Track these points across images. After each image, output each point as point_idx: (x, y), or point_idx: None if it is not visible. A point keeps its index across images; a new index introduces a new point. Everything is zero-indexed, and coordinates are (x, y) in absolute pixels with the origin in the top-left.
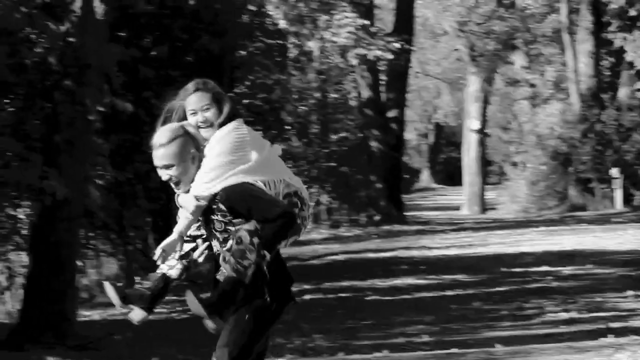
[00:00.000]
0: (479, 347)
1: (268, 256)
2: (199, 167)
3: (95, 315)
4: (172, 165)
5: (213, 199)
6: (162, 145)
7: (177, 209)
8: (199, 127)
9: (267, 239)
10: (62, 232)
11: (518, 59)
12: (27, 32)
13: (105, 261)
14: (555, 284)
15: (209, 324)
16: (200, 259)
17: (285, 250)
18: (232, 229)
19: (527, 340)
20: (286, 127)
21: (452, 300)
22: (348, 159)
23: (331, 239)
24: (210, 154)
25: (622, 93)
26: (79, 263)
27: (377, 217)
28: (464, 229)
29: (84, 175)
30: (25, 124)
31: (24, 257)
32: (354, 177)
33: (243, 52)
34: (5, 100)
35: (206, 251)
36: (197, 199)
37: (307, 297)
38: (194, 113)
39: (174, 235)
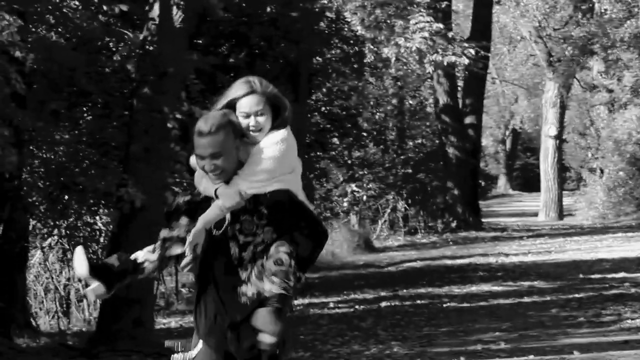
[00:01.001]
0: (556, 354)
1: (303, 278)
2: (241, 158)
3: (172, 322)
4: (219, 155)
5: (254, 199)
6: (209, 134)
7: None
8: (249, 130)
9: (304, 258)
10: (139, 240)
11: (596, 64)
12: (105, 40)
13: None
14: (633, 290)
15: (268, 339)
16: (186, 270)
17: (362, 257)
18: (261, 233)
19: (605, 347)
20: (363, 133)
21: (529, 307)
22: (425, 165)
23: (408, 246)
24: (264, 154)
25: None
26: None
27: (453, 224)
28: (541, 236)
29: (162, 182)
30: (103, 132)
31: None
32: (431, 183)
33: (320, 59)
34: (83, 108)
35: (192, 263)
36: (242, 195)
37: (383, 304)
38: (247, 116)
39: (199, 225)
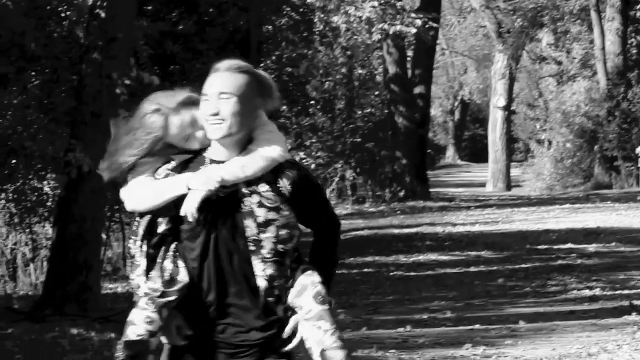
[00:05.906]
0: (501, 324)
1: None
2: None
3: (119, 287)
4: (230, 97)
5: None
6: (228, 70)
7: None
8: None
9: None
10: (87, 205)
11: (545, 36)
12: (54, 4)
13: (130, 234)
14: (579, 261)
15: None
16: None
17: None
18: (285, 211)
19: (550, 317)
20: (311, 101)
21: (475, 277)
22: (373, 134)
23: (355, 215)
24: None
25: None
26: (103, 236)
27: (401, 193)
28: (489, 206)
29: None
30: (51, 96)
31: (48, 230)
32: (379, 153)
33: (270, 27)
34: (32, 73)
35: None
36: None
37: None
38: None
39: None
